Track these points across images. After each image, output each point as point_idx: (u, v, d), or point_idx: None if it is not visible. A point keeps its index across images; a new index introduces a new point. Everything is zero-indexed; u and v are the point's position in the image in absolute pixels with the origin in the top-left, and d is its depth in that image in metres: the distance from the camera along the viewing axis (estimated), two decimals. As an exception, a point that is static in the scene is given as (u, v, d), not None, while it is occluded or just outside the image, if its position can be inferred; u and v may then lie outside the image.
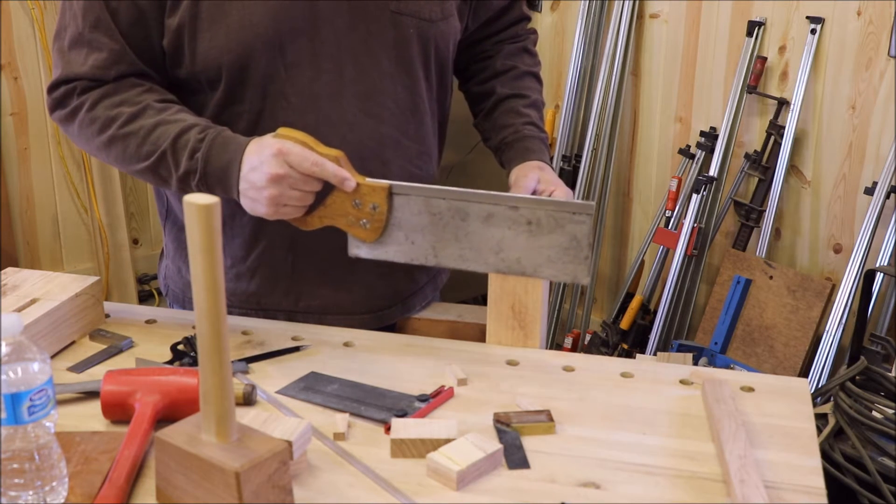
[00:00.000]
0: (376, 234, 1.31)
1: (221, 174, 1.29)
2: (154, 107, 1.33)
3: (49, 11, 3.27)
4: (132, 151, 1.33)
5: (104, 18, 1.32)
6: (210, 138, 1.30)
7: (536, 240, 1.28)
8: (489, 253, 1.30)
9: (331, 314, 1.49)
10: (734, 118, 2.86)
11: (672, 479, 1.06)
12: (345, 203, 1.30)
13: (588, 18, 3.21)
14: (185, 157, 1.30)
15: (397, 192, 1.30)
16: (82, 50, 1.34)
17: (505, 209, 1.28)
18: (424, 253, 1.32)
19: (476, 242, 1.30)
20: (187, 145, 1.30)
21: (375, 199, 1.29)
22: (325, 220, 1.32)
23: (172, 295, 1.59)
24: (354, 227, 1.32)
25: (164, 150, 1.31)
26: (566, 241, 1.27)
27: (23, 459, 0.94)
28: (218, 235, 0.90)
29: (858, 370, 1.74)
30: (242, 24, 1.33)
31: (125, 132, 1.32)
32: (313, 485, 1.04)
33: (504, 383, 1.27)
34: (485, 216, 1.29)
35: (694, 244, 2.92)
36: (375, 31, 1.40)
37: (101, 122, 1.34)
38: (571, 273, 1.29)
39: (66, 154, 3.43)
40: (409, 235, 1.31)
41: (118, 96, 1.34)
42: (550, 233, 1.28)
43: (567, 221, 1.27)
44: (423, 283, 1.59)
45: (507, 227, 1.29)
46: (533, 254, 1.29)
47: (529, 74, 1.62)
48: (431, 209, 1.30)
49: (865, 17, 2.55)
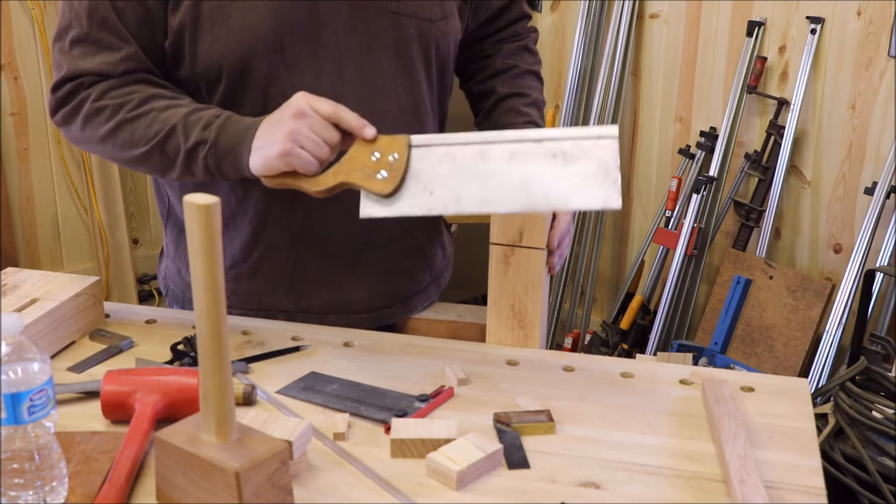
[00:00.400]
0: (394, 184, 1.25)
1: (234, 141, 1.27)
2: (164, 94, 1.33)
3: (49, 11, 3.26)
4: (140, 133, 1.31)
5: (111, 18, 1.32)
6: (226, 115, 1.30)
7: (563, 169, 1.24)
8: (514, 190, 1.25)
9: (331, 314, 1.49)
10: (734, 118, 2.86)
11: (672, 479, 1.06)
12: (363, 155, 1.25)
13: (588, 18, 3.21)
14: (199, 129, 1.29)
15: (417, 145, 1.26)
16: (89, 48, 1.33)
17: (529, 145, 1.24)
18: (444, 202, 1.25)
19: (500, 182, 1.24)
20: (201, 119, 1.29)
21: (395, 148, 1.25)
22: (340, 175, 1.26)
23: (172, 295, 1.59)
24: (371, 179, 1.25)
25: (173, 125, 1.30)
26: (594, 166, 1.22)
27: (23, 459, 0.94)
28: (218, 235, 0.90)
29: (858, 370, 1.75)
30: (244, 26, 1.33)
31: (136, 114, 1.31)
32: (313, 485, 1.04)
33: (504, 383, 1.27)
34: (508, 155, 1.24)
35: (694, 244, 2.93)
36: (376, 32, 1.40)
37: (111, 109, 1.33)
38: (602, 198, 1.22)
39: (66, 154, 3.43)
40: (428, 186, 1.26)
41: (126, 87, 1.34)
42: (577, 161, 1.23)
43: (593, 147, 1.22)
44: (426, 284, 1.59)
45: (532, 161, 1.24)
46: (560, 184, 1.24)
47: (530, 73, 1.62)
48: (452, 156, 1.25)
49: (865, 17, 2.55)
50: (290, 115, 1.23)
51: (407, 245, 1.53)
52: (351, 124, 1.24)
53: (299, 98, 1.25)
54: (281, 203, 1.42)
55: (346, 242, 1.47)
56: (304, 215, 1.43)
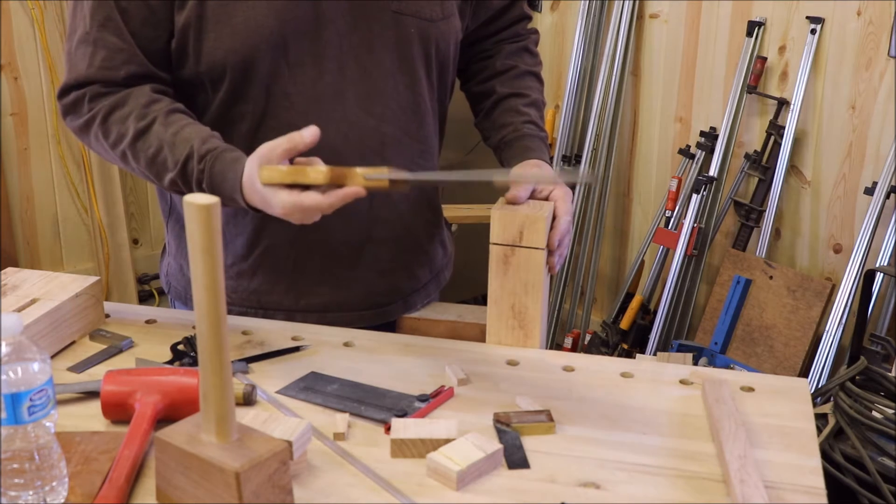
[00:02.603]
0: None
1: (232, 203, 1.29)
2: (160, 121, 1.33)
3: (49, 11, 3.27)
4: (143, 169, 1.35)
5: (114, 17, 1.32)
6: (208, 173, 1.29)
7: None
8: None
9: (331, 311, 1.49)
10: (734, 118, 2.86)
11: (672, 479, 1.06)
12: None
13: (588, 18, 3.21)
14: (195, 186, 1.31)
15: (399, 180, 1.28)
16: (89, 49, 1.34)
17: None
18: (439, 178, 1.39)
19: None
20: (192, 175, 1.31)
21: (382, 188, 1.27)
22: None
23: (174, 292, 1.59)
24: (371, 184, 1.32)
25: (173, 179, 1.33)
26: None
27: (23, 459, 0.94)
28: (218, 235, 0.90)
29: (858, 370, 1.75)
30: (247, 25, 1.33)
31: (135, 151, 1.34)
32: (313, 485, 1.04)
33: (504, 383, 1.27)
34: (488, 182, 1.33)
35: (694, 244, 2.93)
36: (377, 31, 1.40)
37: (114, 137, 1.35)
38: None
39: (66, 154, 3.43)
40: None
41: (126, 108, 1.34)
42: None
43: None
44: (426, 281, 1.59)
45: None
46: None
47: (530, 74, 1.62)
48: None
49: (865, 17, 2.56)
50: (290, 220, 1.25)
51: (407, 243, 1.53)
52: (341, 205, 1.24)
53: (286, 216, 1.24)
54: None
55: (346, 240, 1.47)
56: None
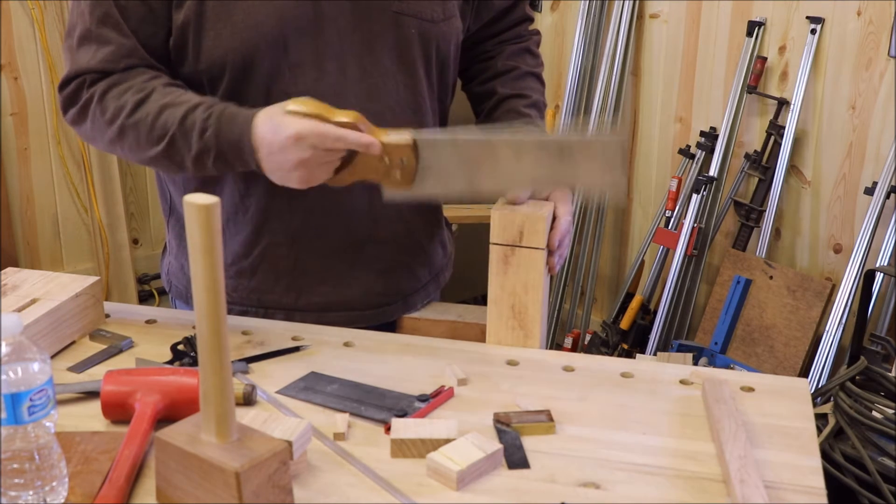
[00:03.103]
0: (409, 183, 1.31)
1: (235, 150, 1.29)
2: (159, 90, 1.33)
3: (49, 11, 3.26)
4: (143, 138, 1.33)
5: (112, 14, 1.33)
6: (216, 115, 1.29)
7: (569, 164, 1.30)
8: (526, 181, 1.33)
9: (331, 311, 1.49)
10: (734, 118, 2.86)
11: (672, 479, 1.06)
12: (372, 160, 1.30)
13: (588, 18, 3.21)
14: (196, 138, 1.30)
15: (422, 145, 1.30)
16: (91, 46, 1.34)
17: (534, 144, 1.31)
18: (461, 188, 1.32)
19: (511, 174, 1.31)
20: (195, 126, 1.29)
21: (402, 154, 1.30)
22: (356, 175, 1.32)
23: (175, 291, 1.59)
24: (387, 178, 1.32)
25: (173, 134, 1.30)
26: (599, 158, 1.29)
27: (23, 459, 0.94)
28: (218, 235, 0.90)
29: (858, 370, 1.75)
30: (247, 24, 1.33)
31: (134, 120, 1.32)
32: (313, 485, 1.04)
33: (504, 383, 1.27)
34: (515, 151, 1.30)
35: (694, 244, 2.92)
36: (378, 31, 1.40)
37: (111, 113, 1.33)
38: (610, 181, 1.30)
39: (66, 154, 3.43)
40: (442, 178, 1.32)
41: (125, 84, 1.34)
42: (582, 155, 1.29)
43: (597, 143, 1.29)
44: (426, 281, 1.59)
45: (539, 159, 1.30)
46: (569, 173, 1.31)
47: (531, 75, 1.62)
48: (460, 152, 1.31)
49: (865, 17, 2.55)
50: (294, 164, 1.25)
51: (407, 242, 1.53)
52: (356, 149, 1.27)
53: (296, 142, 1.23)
54: (283, 200, 1.42)
55: (346, 239, 1.47)
56: (306, 212, 1.44)
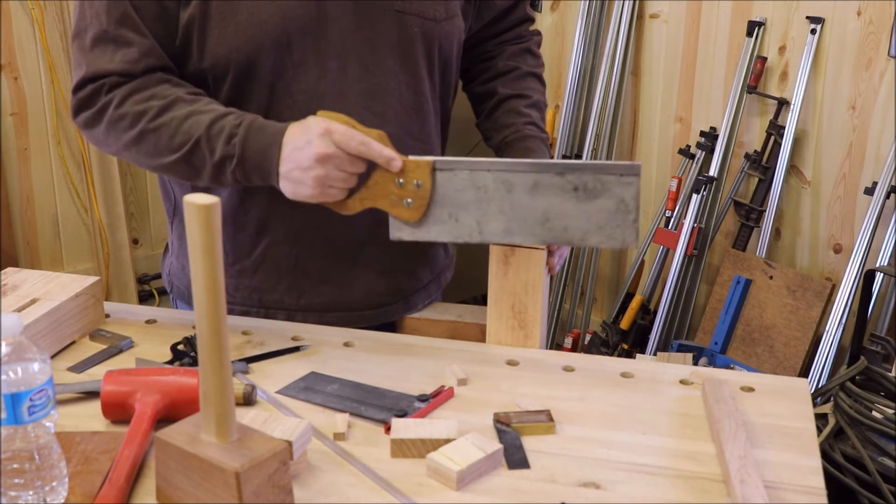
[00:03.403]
0: (420, 212, 1.29)
1: (260, 158, 1.28)
2: (185, 98, 1.33)
3: (49, 11, 3.26)
4: (164, 143, 1.32)
5: (129, 14, 1.32)
6: (247, 123, 1.29)
7: (584, 206, 1.27)
8: (535, 224, 1.29)
9: (332, 311, 1.49)
10: (734, 118, 2.86)
11: (672, 479, 1.06)
12: (388, 182, 1.28)
13: (588, 18, 3.21)
14: (222, 143, 1.29)
15: (441, 168, 1.28)
16: (108, 47, 1.33)
17: (551, 176, 1.26)
18: (469, 230, 1.30)
19: (522, 214, 1.29)
20: (223, 131, 1.29)
21: (419, 175, 1.28)
22: (367, 201, 1.30)
23: (177, 291, 1.59)
24: (397, 206, 1.30)
25: (198, 139, 1.30)
26: (614, 204, 1.26)
27: (23, 459, 0.94)
28: (218, 235, 0.90)
29: (858, 370, 1.75)
30: (251, 23, 1.33)
31: (157, 124, 1.31)
32: (313, 485, 1.04)
33: (504, 383, 1.27)
34: (531, 185, 1.27)
35: (694, 244, 2.92)
36: (380, 30, 1.40)
37: (132, 117, 1.33)
38: (620, 237, 1.27)
39: (66, 154, 3.43)
40: (453, 213, 1.29)
41: (147, 91, 1.33)
42: (597, 197, 1.26)
43: (614, 184, 1.25)
44: (427, 282, 1.59)
45: (554, 194, 1.27)
46: (580, 221, 1.28)
47: (532, 75, 1.62)
48: (476, 183, 1.28)
49: (865, 17, 2.55)
50: (314, 159, 1.24)
51: (408, 243, 1.53)
52: (377, 159, 1.26)
53: (322, 136, 1.23)
54: (285, 199, 1.42)
55: (348, 239, 1.47)
56: (308, 212, 1.43)
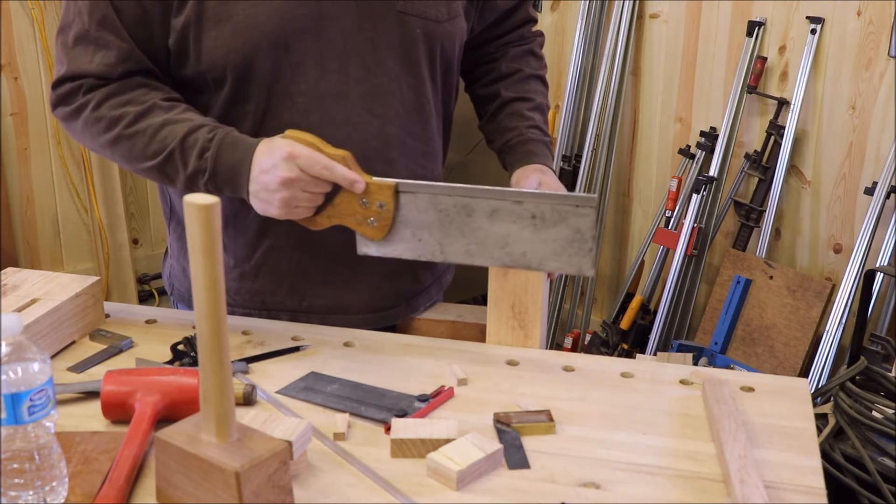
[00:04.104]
0: (384, 231, 1.34)
1: (231, 174, 1.30)
2: (161, 105, 1.34)
3: (49, 11, 3.26)
4: (139, 150, 1.33)
5: (111, 16, 1.32)
6: (219, 138, 1.31)
7: (541, 233, 1.31)
8: (495, 248, 1.33)
9: (334, 314, 1.49)
10: (734, 118, 2.86)
11: (672, 479, 1.06)
12: (352, 202, 1.32)
13: (588, 18, 3.21)
14: (194, 157, 1.31)
15: (403, 190, 1.32)
16: (89, 47, 1.34)
17: (510, 204, 1.30)
18: (431, 249, 1.34)
19: (482, 237, 1.32)
20: (196, 144, 1.31)
21: (382, 197, 1.32)
22: (334, 219, 1.34)
23: (177, 294, 1.59)
24: (363, 225, 1.34)
25: (171, 150, 1.31)
26: (570, 233, 1.30)
27: (23, 459, 0.94)
28: (218, 235, 0.90)
29: (858, 370, 1.74)
30: (248, 24, 1.33)
31: (132, 131, 1.33)
32: (313, 485, 1.04)
33: (504, 383, 1.27)
34: (490, 211, 1.31)
35: (694, 244, 2.92)
36: (381, 31, 1.40)
37: (107, 121, 1.34)
38: (577, 265, 1.31)
39: (66, 154, 3.43)
40: (416, 233, 1.34)
41: (124, 96, 1.34)
42: (554, 226, 1.30)
43: (570, 214, 1.29)
44: (428, 284, 1.59)
45: (512, 221, 1.31)
46: (538, 247, 1.31)
47: (535, 77, 1.62)
48: (437, 206, 1.32)
49: (865, 17, 2.55)
50: (279, 182, 1.26)
51: None
52: (341, 182, 1.29)
53: (286, 160, 1.25)
54: None
55: (349, 242, 1.46)
56: None
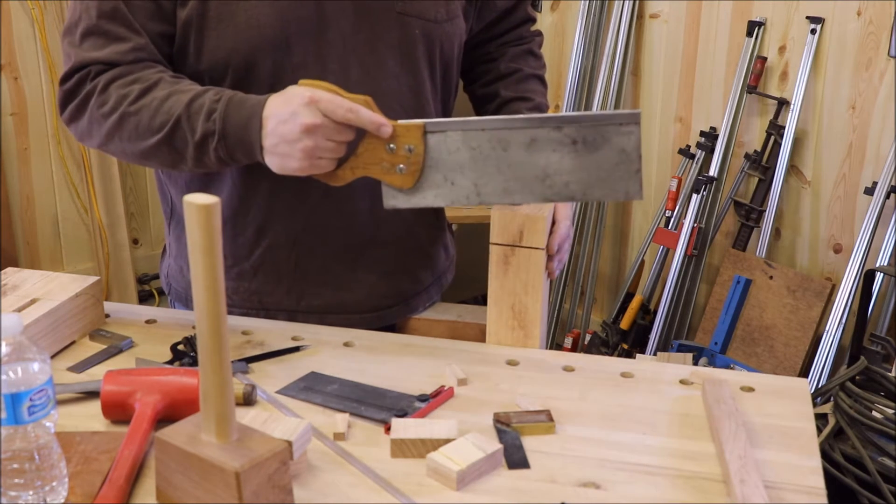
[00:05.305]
0: (413, 178, 1.25)
1: (242, 132, 1.25)
2: (166, 80, 1.31)
3: (49, 11, 3.26)
4: (145, 125, 1.29)
5: (120, 9, 1.31)
6: (227, 98, 1.27)
7: (584, 159, 1.22)
8: (535, 181, 1.24)
9: (332, 313, 1.49)
10: (734, 118, 2.86)
11: (672, 479, 1.06)
12: (378, 149, 1.24)
13: (588, 18, 3.21)
14: (202, 120, 1.26)
15: (432, 130, 1.24)
16: (98, 40, 1.32)
17: (548, 131, 1.22)
18: (466, 192, 1.25)
19: (520, 172, 1.24)
20: (202, 108, 1.27)
21: (410, 140, 1.24)
22: (358, 170, 1.26)
23: (175, 293, 1.59)
24: (390, 173, 1.25)
25: (178, 117, 1.27)
26: (615, 156, 1.21)
27: (23, 459, 0.94)
28: (218, 235, 0.90)
29: (858, 370, 1.75)
30: (249, 24, 1.33)
31: (138, 106, 1.29)
32: (313, 485, 1.04)
33: (504, 383, 1.27)
34: (527, 142, 1.23)
35: (694, 244, 2.93)
36: (381, 31, 1.40)
37: (114, 101, 1.31)
38: (623, 190, 1.23)
39: (66, 154, 3.43)
40: (449, 176, 1.25)
41: (131, 76, 1.32)
42: (598, 150, 1.22)
43: (614, 134, 1.21)
44: (428, 284, 1.58)
45: (553, 149, 1.23)
46: (582, 175, 1.23)
47: (534, 77, 1.62)
48: (470, 143, 1.23)
49: (865, 17, 2.55)
50: (301, 130, 1.20)
51: (409, 245, 1.53)
52: (367, 126, 1.23)
53: (307, 105, 1.20)
54: (284, 201, 1.42)
55: (348, 241, 1.47)
56: (308, 213, 1.43)
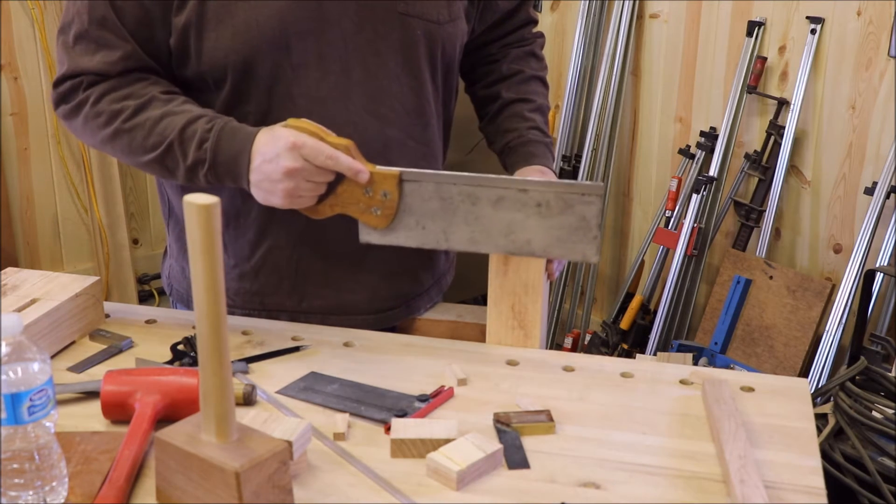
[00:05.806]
0: (387, 220, 1.33)
1: (231, 164, 1.30)
2: (159, 98, 1.34)
3: (49, 11, 3.26)
4: (138, 143, 1.34)
5: (110, 17, 1.33)
6: (218, 128, 1.31)
7: (546, 221, 1.31)
8: (499, 235, 1.33)
9: (334, 315, 1.49)
10: (734, 118, 2.86)
11: (672, 479, 1.06)
12: (356, 191, 1.32)
13: (588, 18, 3.21)
14: (193, 148, 1.31)
15: (407, 179, 1.32)
16: (90, 46, 1.35)
17: (515, 192, 1.30)
18: (435, 237, 1.34)
19: (486, 225, 1.32)
20: (195, 136, 1.31)
21: (386, 186, 1.31)
22: (337, 207, 1.33)
23: (176, 294, 1.59)
24: (366, 214, 1.34)
25: (171, 142, 1.31)
26: (575, 221, 1.30)
27: (23, 459, 0.94)
28: (218, 235, 0.90)
29: (858, 370, 1.75)
30: (248, 25, 1.33)
31: (131, 125, 1.33)
32: (313, 485, 1.04)
33: (504, 383, 1.27)
34: (495, 199, 1.31)
35: (694, 244, 2.92)
36: (383, 32, 1.40)
37: (107, 116, 1.34)
38: (581, 252, 1.31)
39: (66, 154, 3.43)
40: (420, 221, 1.33)
41: (123, 90, 1.35)
42: (560, 214, 1.30)
43: (576, 202, 1.29)
44: (429, 286, 1.58)
45: (517, 209, 1.31)
46: (542, 234, 1.31)
47: (535, 79, 1.62)
48: (442, 194, 1.32)
49: (865, 17, 2.55)
50: (283, 173, 1.26)
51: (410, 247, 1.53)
52: (346, 172, 1.29)
53: (290, 150, 1.25)
54: None
55: (349, 243, 1.46)
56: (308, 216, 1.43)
